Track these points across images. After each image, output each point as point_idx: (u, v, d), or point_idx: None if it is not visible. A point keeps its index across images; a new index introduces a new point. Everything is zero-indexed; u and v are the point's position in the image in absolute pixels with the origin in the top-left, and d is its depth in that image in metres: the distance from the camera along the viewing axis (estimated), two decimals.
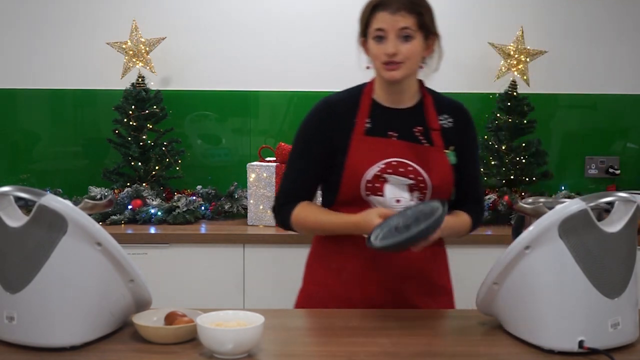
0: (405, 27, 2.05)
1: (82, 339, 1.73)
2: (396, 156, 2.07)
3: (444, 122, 2.16)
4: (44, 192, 1.74)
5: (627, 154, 3.80)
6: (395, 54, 2.04)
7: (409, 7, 2.06)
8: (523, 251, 1.71)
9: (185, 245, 3.22)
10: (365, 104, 2.14)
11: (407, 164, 2.07)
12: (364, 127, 2.10)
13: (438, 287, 2.17)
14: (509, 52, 3.60)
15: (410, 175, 2.06)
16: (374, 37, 2.07)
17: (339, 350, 1.74)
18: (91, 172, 3.66)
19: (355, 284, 2.10)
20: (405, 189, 2.06)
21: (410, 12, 2.06)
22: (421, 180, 2.06)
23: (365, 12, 2.10)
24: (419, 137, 2.11)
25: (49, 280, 1.70)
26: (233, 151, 3.77)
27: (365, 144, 2.08)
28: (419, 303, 2.11)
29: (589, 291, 1.69)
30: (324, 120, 2.13)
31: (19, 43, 3.69)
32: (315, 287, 2.19)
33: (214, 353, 1.68)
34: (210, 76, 3.71)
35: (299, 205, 2.13)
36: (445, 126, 2.15)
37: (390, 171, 2.05)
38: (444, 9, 3.75)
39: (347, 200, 2.09)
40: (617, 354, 1.69)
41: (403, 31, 2.05)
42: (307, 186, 2.17)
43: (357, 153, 2.08)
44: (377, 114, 2.13)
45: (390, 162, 2.06)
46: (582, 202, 1.69)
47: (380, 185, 2.05)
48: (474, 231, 2.23)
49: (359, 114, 2.13)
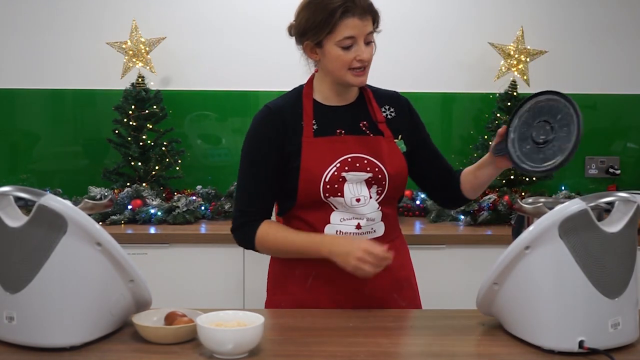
0: (370, 32, 2.06)
1: (82, 339, 1.73)
2: (350, 152, 2.06)
3: (386, 114, 2.16)
4: (43, 192, 1.74)
5: (627, 154, 3.80)
6: (368, 60, 2.06)
7: (370, 11, 2.05)
8: (523, 251, 1.71)
9: (185, 245, 3.22)
10: (308, 105, 2.12)
11: (362, 158, 2.06)
12: (311, 129, 2.09)
13: (402, 280, 2.16)
14: (509, 52, 3.60)
15: (367, 168, 2.05)
16: (342, 44, 2.03)
17: (339, 350, 1.74)
18: (91, 172, 3.66)
19: (321, 289, 2.10)
20: (364, 185, 2.05)
21: (371, 15, 2.06)
22: (378, 171, 2.06)
23: (329, 18, 2.01)
24: (365, 131, 2.11)
25: (49, 281, 1.70)
26: (233, 151, 3.77)
27: (317, 145, 2.06)
28: (388, 300, 2.10)
29: (589, 291, 1.68)
30: (272, 127, 2.10)
31: (19, 43, 3.69)
32: (280, 297, 2.16)
33: (214, 353, 1.68)
34: (210, 76, 3.71)
35: (263, 225, 2.09)
36: (389, 117, 2.15)
37: (347, 168, 2.04)
38: (444, 9, 3.78)
39: (307, 204, 2.07)
40: (618, 354, 1.69)
41: (368, 36, 2.06)
42: (266, 200, 2.11)
43: (310, 156, 2.05)
44: (321, 114, 2.11)
45: (346, 159, 2.05)
46: (582, 202, 1.69)
47: (340, 186, 2.04)
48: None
49: (304, 116, 2.11)
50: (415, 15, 3.71)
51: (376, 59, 2.16)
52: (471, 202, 3.43)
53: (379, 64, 3.72)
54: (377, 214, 2.08)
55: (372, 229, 2.08)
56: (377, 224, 2.09)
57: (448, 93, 3.77)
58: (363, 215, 2.06)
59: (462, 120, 3.76)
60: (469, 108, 3.76)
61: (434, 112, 3.78)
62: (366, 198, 2.06)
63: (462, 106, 3.76)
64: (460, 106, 3.77)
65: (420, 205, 3.57)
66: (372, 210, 2.07)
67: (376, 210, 2.08)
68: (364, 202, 2.06)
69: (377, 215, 2.08)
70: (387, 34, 3.57)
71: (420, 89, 3.72)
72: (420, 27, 3.72)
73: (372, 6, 2.05)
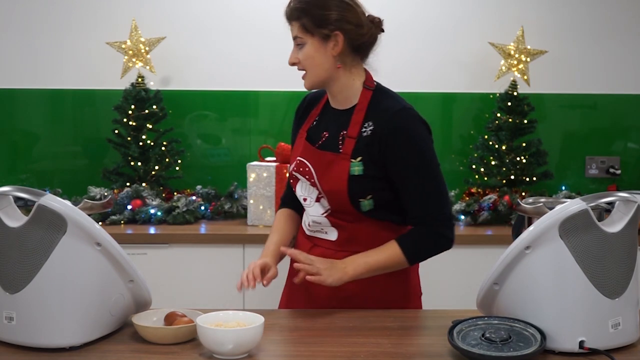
0: (296, 36, 2.04)
1: (82, 339, 1.73)
2: (302, 156, 2.11)
3: (364, 131, 2.01)
4: (43, 192, 1.74)
5: (627, 154, 3.80)
6: (294, 63, 2.05)
7: (292, 16, 2.03)
8: (523, 251, 1.71)
9: (185, 245, 3.21)
10: (322, 103, 2.17)
11: (306, 165, 2.08)
12: (310, 124, 2.15)
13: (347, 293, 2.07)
14: (509, 52, 3.60)
15: (307, 176, 2.08)
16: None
17: (339, 350, 1.74)
18: (90, 172, 3.65)
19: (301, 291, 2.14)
20: (311, 190, 2.09)
21: (294, 19, 2.02)
22: (313, 182, 2.06)
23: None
24: (338, 141, 2.05)
25: (49, 281, 1.70)
26: (233, 151, 3.77)
27: (297, 140, 2.17)
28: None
29: (590, 291, 1.68)
30: (297, 113, 2.24)
31: (19, 43, 3.69)
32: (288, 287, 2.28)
33: (213, 353, 1.68)
34: (210, 76, 3.71)
35: (279, 212, 2.28)
36: (363, 134, 2.00)
37: (296, 169, 2.12)
38: (444, 9, 3.78)
39: None
40: (618, 355, 1.69)
41: (296, 40, 2.05)
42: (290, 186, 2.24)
43: (294, 148, 2.18)
44: (324, 113, 2.14)
45: (299, 161, 2.11)
46: (583, 202, 1.69)
47: (294, 182, 2.14)
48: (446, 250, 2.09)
49: (313, 111, 2.17)
50: (415, 16, 3.71)
51: (376, 60, 2.16)
52: (471, 202, 3.43)
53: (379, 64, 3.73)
54: (323, 220, 2.08)
55: (323, 230, 2.10)
56: (329, 228, 2.09)
57: (448, 93, 3.76)
58: (309, 216, 2.12)
59: (462, 120, 3.75)
60: (469, 108, 3.76)
61: (434, 112, 3.77)
62: (312, 200, 2.09)
63: (462, 106, 3.76)
64: (460, 106, 3.76)
65: None
66: (317, 214, 2.09)
67: (320, 216, 2.08)
68: (309, 204, 2.10)
69: (324, 220, 2.08)
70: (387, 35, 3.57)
71: (420, 89, 3.72)
72: (421, 27, 3.71)
73: (294, 10, 2.00)
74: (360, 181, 1.98)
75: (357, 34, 1.99)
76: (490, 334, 1.69)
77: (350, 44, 2.00)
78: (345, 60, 2.01)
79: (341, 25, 1.96)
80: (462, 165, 3.69)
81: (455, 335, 1.71)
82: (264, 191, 3.31)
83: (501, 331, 1.70)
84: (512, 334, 1.69)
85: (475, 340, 1.68)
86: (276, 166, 3.30)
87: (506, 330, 1.70)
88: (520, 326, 1.72)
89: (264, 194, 3.31)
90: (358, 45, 2.01)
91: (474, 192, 3.57)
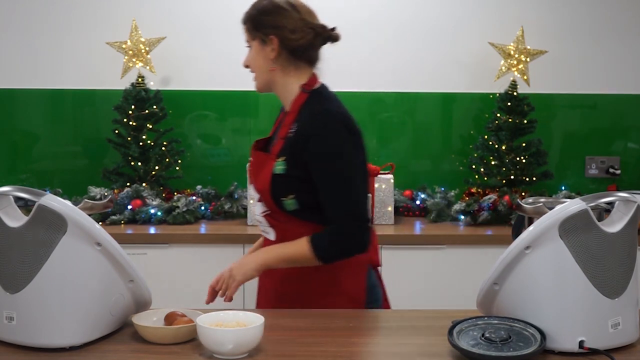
0: (247, 39, 2.14)
1: (82, 339, 1.73)
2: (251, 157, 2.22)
3: (290, 132, 2.07)
4: (43, 192, 1.74)
5: (627, 154, 3.80)
6: (247, 66, 2.15)
7: (242, 20, 2.14)
8: (523, 251, 1.71)
9: (185, 245, 3.22)
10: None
11: (250, 167, 2.23)
12: (274, 129, 2.23)
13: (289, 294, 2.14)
14: (509, 52, 3.60)
15: (251, 177, 2.21)
16: None
17: (339, 351, 1.74)
18: (91, 172, 3.65)
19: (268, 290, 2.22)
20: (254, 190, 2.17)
21: (243, 23, 2.13)
22: (251, 182, 2.19)
23: None
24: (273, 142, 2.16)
25: (49, 281, 1.70)
26: (233, 151, 3.77)
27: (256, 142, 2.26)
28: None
29: (589, 291, 1.68)
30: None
31: (19, 43, 3.69)
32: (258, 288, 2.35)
33: (213, 353, 1.68)
34: (210, 76, 3.71)
35: None
36: (289, 135, 2.06)
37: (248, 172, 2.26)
38: (444, 9, 3.78)
39: None
40: (618, 355, 1.69)
41: (248, 43, 2.14)
42: None
43: None
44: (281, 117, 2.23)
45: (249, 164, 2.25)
46: (582, 202, 1.69)
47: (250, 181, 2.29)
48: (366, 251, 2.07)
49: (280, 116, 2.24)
50: (415, 16, 3.71)
51: (376, 60, 2.16)
52: (471, 202, 3.43)
53: (380, 64, 3.74)
54: (262, 219, 2.16)
55: (265, 230, 2.18)
56: (267, 228, 2.16)
57: (448, 93, 3.76)
58: (256, 215, 2.21)
59: (462, 120, 3.75)
60: (469, 108, 3.76)
61: (434, 112, 3.78)
62: (256, 200, 2.17)
63: (462, 106, 3.76)
64: (460, 106, 3.77)
65: (421, 205, 3.57)
66: (258, 214, 2.17)
67: (260, 215, 2.16)
68: (254, 204, 2.20)
69: (263, 220, 2.16)
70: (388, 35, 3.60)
71: (420, 89, 3.73)
72: (421, 27, 3.71)
73: (244, 15, 2.12)
74: (283, 180, 2.03)
75: (291, 39, 2.04)
76: (490, 334, 1.69)
77: (285, 48, 2.05)
78: (282, 64, 2.08)
79: (276, 30, 2.05)
80: (462, 165, 3.70)
81: (455, 335, 1.72)
82: None
83: (501, 331, 1.70)
84: (512, 334, 1.69)
85: (475, 340, 1.68)
86: None
87: (506, 330, 1.70)
88: (520, 326, 1.72)
89: None
90: (293, 49, 2.06)
91: (474, 192, 3.57)
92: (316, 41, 2.07)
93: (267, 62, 2.07)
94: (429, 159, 3.79)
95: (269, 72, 2.09)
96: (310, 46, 2.07)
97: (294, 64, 2.08)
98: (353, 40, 3.80)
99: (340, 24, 3.70)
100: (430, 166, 3.79)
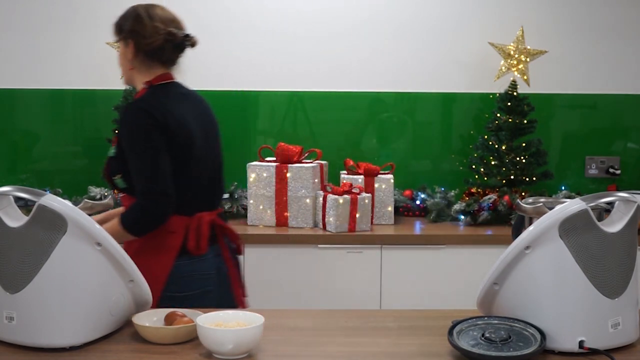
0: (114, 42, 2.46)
1: (82, 339, 1.73)
2: None
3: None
4: (43, 192, 1.75)
5: (627, 154, 3.80)
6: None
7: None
8: (523, 251, 1.71)
9: None
10: None
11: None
12: None
13: None
14: (509, 52, 3.60)
15: None
16: None
17: (339, 351, 1.74)
18: (91, 172, 3.65)
19: None
20: None
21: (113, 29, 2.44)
22: None
23: None
24: None
25: (49, 281, 1.70)
26: (233, 151, 3.76)
27: None
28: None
29: (589, 291, 1.69)
30: None
31: (19, 43, 3.69)
32: None
33: (213, 353, 1.68)
34: (210, 76, 3.71)
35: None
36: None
37: None
38: (444, 9, 3.78)
39: None
40: (618, 354, 1.69)
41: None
42: None
43: None
44: None
45: None
46: (582, 202, 1.69)
47: None
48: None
49: None
50: (415, 16, 3.71)
51: (376, 60, 2.16)
52: (471, 202, 3.43)
53: (380, 64, 3.74)
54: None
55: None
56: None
57: (448, 93, 3.76)
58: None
59: (462, 120, 3.76)
60: (469, 108, 3.76)
61: (434, 112, 3.78)
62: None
63: (462, 106, 3.76)
64: (460, 106, 3.77)
65: (421, 205, 3.57)
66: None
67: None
68: None
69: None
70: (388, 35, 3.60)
71: (420, 89, 3.73)
72: (421, 27, 3.72)
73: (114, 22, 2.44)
74: (114, 162, 2.32)
75: (144, 43, 2.34)
76: (490, 334, 1.69)
77: (140, 50, 2.34)
78: (139, 64, 2.37)
79: (131, 34, 2.36)
80: (462, 165, 3.70)
81: (455, 335, 1.72)
82: (264, 191, 3.31)
83: (501, 331, 1.70)
84: (511, 334, 1.69)
85: (475, 340, 1.69)
86: (276, 166, 3.30)
87: (506, 330, 1.70)
88: (520, 326, 1.72)
89: (264, 194, 3.31)
90: (147, 51, 2.34)
91: (474, 192, 3.57)
92: (167, 45, 2.35)
93: (127, 62, 2.38)
94: (429, 159, 3.80)
95: (129, 70, 2.39)
96: (160, 49, 2.34)
97: (147, 64, 2.36)
98: (353, 40, 3.82)
99: (340, 24, 3.73)
100: (430, 166, 3.79)
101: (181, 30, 2.40)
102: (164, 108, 2.27)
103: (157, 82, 2.37)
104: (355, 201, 3.19)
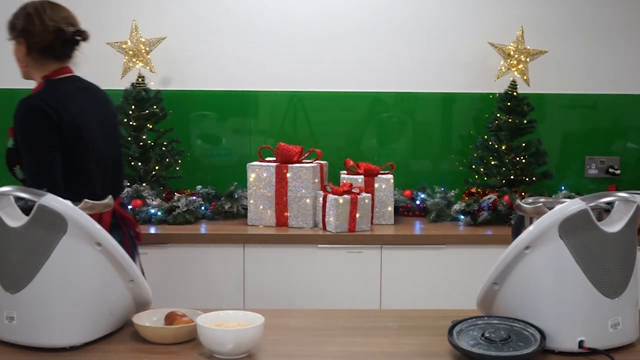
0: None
1: (82, 339, 1.73)
2: None
3: None
4: (43, 192, 1.75)
5: (627, 154, 3.80)
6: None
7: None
8: (523, 251, 1.71)
9: (185, 245, 3.22)
10: None
11: None
12: None
13: None
14: (509, 52, 3.60)
15: None
16: None
17: (339, 351, 1.74)
18: None
19: None
20: None
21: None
22: None
23: None
24: None
25: (49, 281, 1.70)
26: (233, 151, 3.77)
27: None
28: None
29: (589, 291, 1.69)
30: None
31: None
32: None
33: (214, 353, 1.68)
34: (210, 76, 3.71)
35: None
36: None
37: None
38: (444, 9, 3.78)
39: None
40: (617, 354, 1.69)
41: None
42: None
43: None
44: None
45: None
46: (582, 202, 1.69)
47: None
48: None
49: None
50: (415, 16, 3.71)
51: (376, 60, 2.16)
52: (471, 202, 3.43)
53: (380, 64, 3.74)
54: None
55: None
56: None
57: (448, 93, 3.76)
58: None
59: (462, 120, 3.76)
60: (469, 108, 3.76)
61: (434, 112, 3.78)
62: None
63: (462, 106, 3.76)
64: (460, 106, 3.77)
65: (420, 205, 3.57)
66: None
67: None
68: None
69: None
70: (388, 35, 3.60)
71: (420, 89, 3.73)
72: (421, 27, 3.72)
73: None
74: (12, 153, 2.41)
75: (34, 41, 2.43)
76: (490, 334, 1.69)
77: (32, 48, 2.44)
78: (33, 60, 2.46)
79: (22, 33, 2.44)
80: (462, 165, 3.70)
81: (455, 335, 1.72)
82: (264, 191, 3.31)
83: (501, 331, 1.70)
84: (511, 334, 1.69)
85: (475, 340, 1.69)
86: (276, 166, 3.30)
87: (506, 330, 1.70)
88: (520, 326, 1.72)
89: (264, 194, 3.31)
90: (37, 49, 2.44)
91: (474, 192, 3.57)
92: (56, 42, 2.44)
93: (21, 58, 2.48)
94: (429, 159, 3.80)
95: (24, 67, 2.50)
96: (50, 46, 2.44)
97: (41, 61, 2.46)
98: (353, 40, 3.82)
99: (340, 24, 3.73)
100: (430, 166, 3.79)
101: (73, 26, 2.50)
102: (58, 104, 2.37)
103: (54, 77, 2.47)
104: (355, 201, 3.19)
